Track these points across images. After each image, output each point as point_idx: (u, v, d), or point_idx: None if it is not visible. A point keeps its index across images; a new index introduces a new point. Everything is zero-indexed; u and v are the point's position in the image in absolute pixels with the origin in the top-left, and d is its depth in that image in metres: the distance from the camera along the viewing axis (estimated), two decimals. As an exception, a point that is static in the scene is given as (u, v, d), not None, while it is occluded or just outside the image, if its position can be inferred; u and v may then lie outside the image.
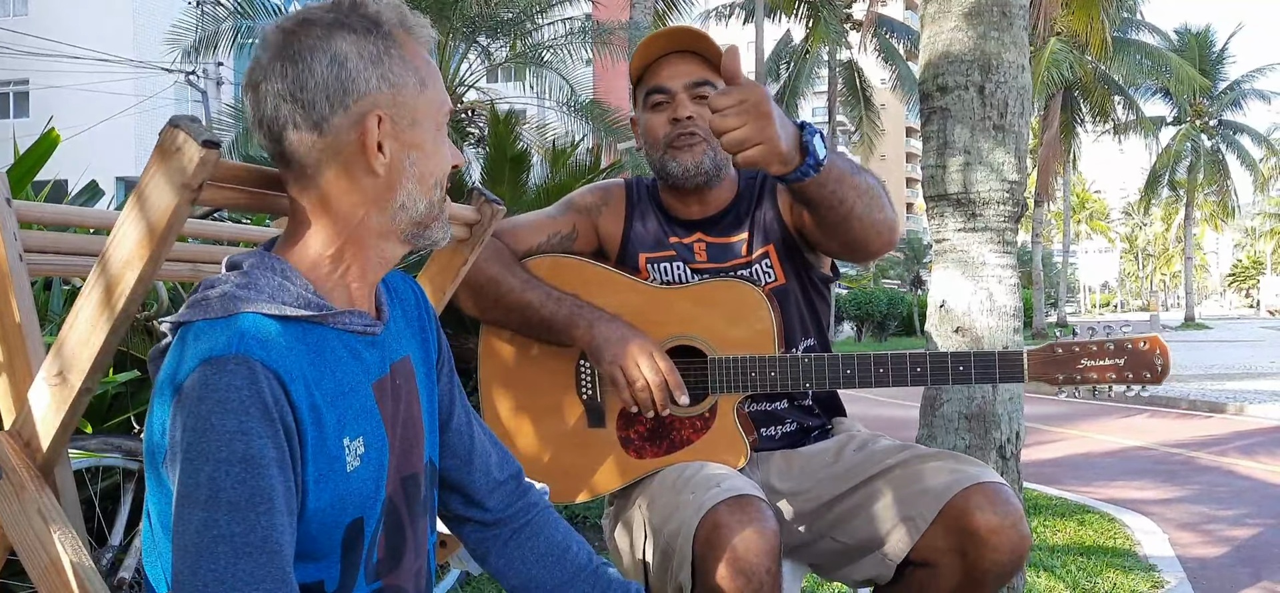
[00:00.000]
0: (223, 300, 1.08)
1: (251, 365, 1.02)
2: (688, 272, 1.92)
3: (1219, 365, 16.44)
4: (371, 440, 1.15)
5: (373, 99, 1.12)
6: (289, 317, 1.09)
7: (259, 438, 1.00)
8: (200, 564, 0.98)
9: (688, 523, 1.56)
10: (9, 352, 1.37)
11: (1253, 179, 40.08)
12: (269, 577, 0.99)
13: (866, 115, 30.33)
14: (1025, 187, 3.00)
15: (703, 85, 1.88)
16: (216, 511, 0.98)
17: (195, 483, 0.99)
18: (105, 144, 21.84)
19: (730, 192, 1.98)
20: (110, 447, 2.44)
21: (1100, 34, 23.52)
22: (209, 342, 1.04)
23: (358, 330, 1.16)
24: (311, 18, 1.13)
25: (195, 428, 0.99)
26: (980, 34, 2.88)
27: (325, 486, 1.09)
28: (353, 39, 1.12)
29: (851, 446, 1.86)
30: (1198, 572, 4.11)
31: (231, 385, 1.00)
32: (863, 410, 9.47)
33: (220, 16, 14.89)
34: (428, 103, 1.16)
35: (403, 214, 1.17)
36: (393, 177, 1.15)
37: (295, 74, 1.10)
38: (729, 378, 1.80)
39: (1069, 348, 1.78)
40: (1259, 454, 7.52)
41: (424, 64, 1.17)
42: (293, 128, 1.12)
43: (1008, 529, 1.58)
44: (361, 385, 1.15)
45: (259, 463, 1.00)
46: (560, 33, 15.06)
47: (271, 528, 1.00)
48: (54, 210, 1.53)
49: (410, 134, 1.15)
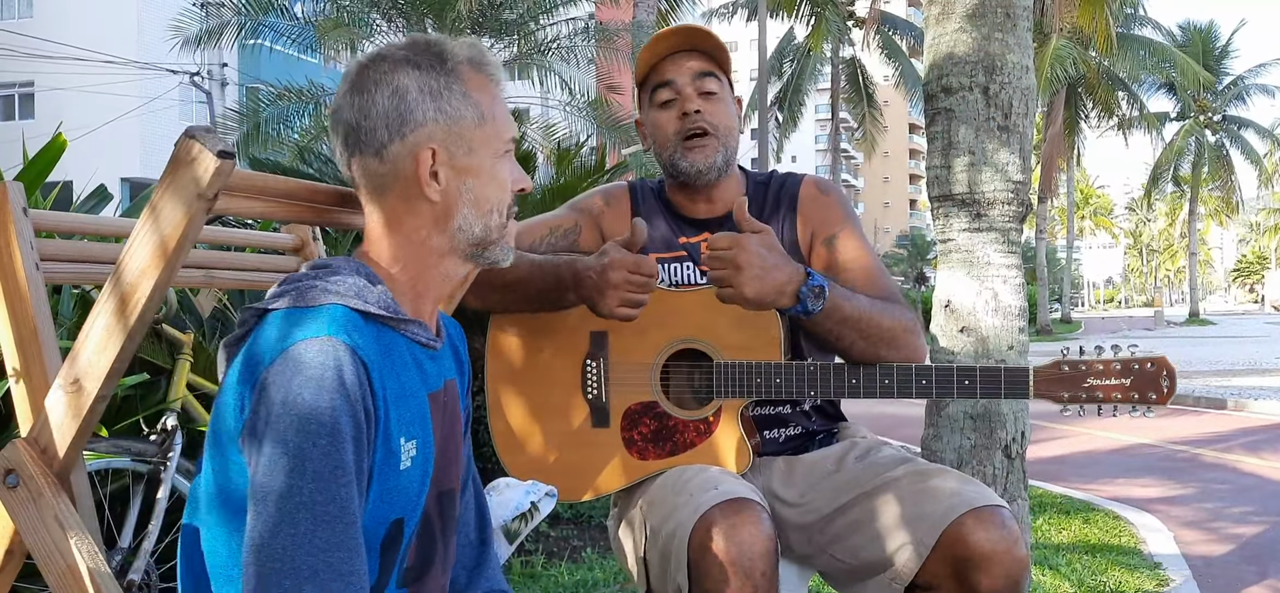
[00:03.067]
0: (313, 292, 1.15)
1: (340, 348, 1.09)
2: (697, 273, 1.93)
3: (1224, 362, 16.41)
4: (422, 446, 1.21)
5: (428, 131, 1.21)
6: (371, 313, 1.17)
7: (344, 415, 1.07)
8: (280, 529, 1.04)
9: (684, 525, 1.57)
10: (26, 360, 1.39)
11: (1257, 174, 40.03)
12: (343, 546, 1.06)
13: (869, 112, 30.32)
14: (1030, 186, 3.01)
15: (707, 78, 1.90)
16: (302, 479, 1.04)
17: (282, 452, 1.05)
18: (110, 146, 21.89)
19: (739, 189, 1.99)
20: (120, 449, 2.46)
21: (1106, 29, 23.46)
22: (301, 326, 1.11)
23: (422, 341, 1.24)
24: (385, 54, 1.24)
25: (285, 402, 1.06)
26: (984, 35, 2.89)
27: (383, 477, 1.15)
28: (416, 74, 1.22)
29: (854, 454, 1.85)
30: (1203, 570, 4.12)
31: (322, 364, 1.07)
32: (867, 409, 9.47)
33: (225, 16, 14.92)
34: (486, 135, 1.24)
35: (461, 235, 1.25)
36: (449, 202, 1.23)
37: (361, 103, 1.21)
38: (734, 383, 1.80)
39: (1075, 365, 1.76)
40: (1264, 451, 7.52)
41: (488, 98, 1.26)
42: (359, 153, 1.22)
43: (1002, 554, 1.57)
44: (419, 393, 1.22)
45: (343, 437, 1.06)
46: (563, 32, 15.06)
47: (349, 499, 1.07)
48: (70, 220, 1.55)
49: (466, 162, 1.23)
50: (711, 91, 1.90)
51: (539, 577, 3.61)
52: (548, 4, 14.67)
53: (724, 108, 1.92)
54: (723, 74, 1.93)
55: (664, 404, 1.84)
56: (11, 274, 1.39)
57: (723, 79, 1.93)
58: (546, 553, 3.95)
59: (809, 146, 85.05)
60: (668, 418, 1.83)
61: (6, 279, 1.39)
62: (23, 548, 1.37)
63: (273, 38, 14.74)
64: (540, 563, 3.78)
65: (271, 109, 14.19)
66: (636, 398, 1.85)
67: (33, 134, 5.22)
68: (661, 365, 1.85)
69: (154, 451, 2.48)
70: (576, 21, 15.25)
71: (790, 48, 29.49)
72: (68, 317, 2.69)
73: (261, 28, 14.53)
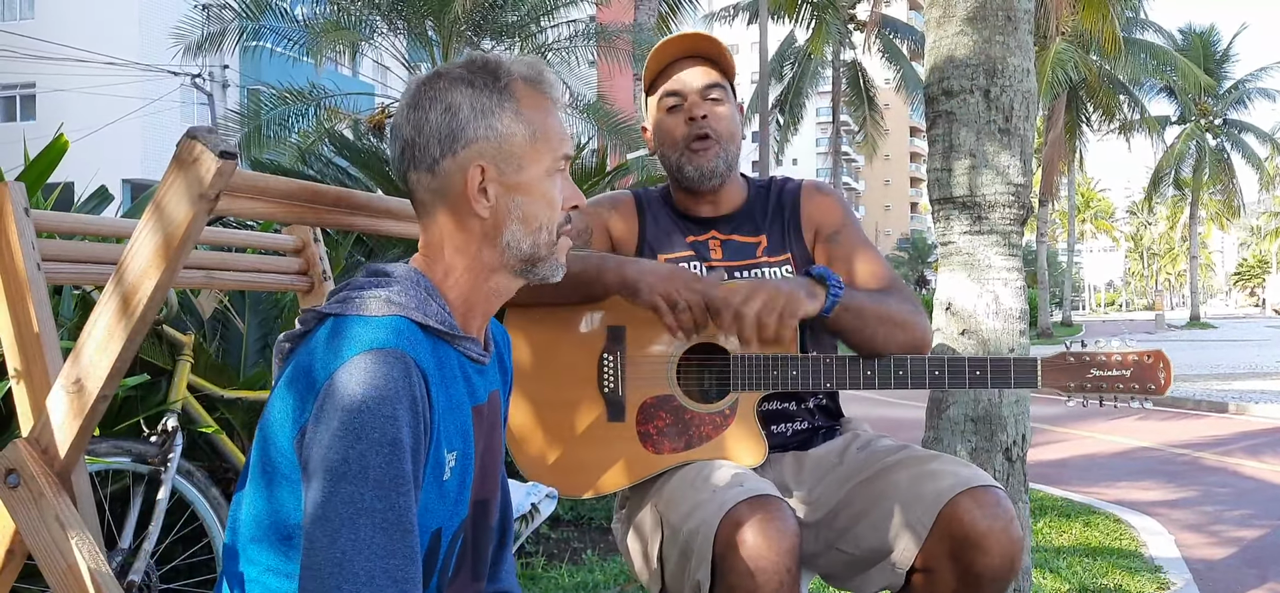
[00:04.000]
0: (379, 303, 1.17)
1: (407, 362, 1.11)
2: (705, 270, 1.95)
3: (1224, 365, 16.39)
4: (462, 458, 1.23)
5: (479, 148, 1.24)
6: (431, 328, 1.19)
7: (406, 426, 1.09)
8: (340, 533, 1.06)
9: (709, 521, 1.58)
10: (27, 360, 1.39)
11: (1258, 178, 40.00)
12: (401, 552, 1.08)
13: (870, 115, 30.33)
14: (1031, 189, 3.01)
15: (715, 89, 1.96)
16: (364, 486, 1.06)
17: (346, 459, 1.07)
18: (111, 147, 21.88)
19: (741, 192, 2.05)
20: (120, 450, 2.46)
21: (1111, 30, 23.41)
22: (370, 336, 1.13)
23: (473, 357, 1.26)
24: (443, 72, 1.27)
25: (352, 410, 1.07)
26: (985, 38, 2.89)
27: (428, 488, 1.17)
28: (469, 92, 1.24)
29: (855, 445, 1.89)
30: (1204, 573, 4.12)
31: (390, 376, 1.09)
32: (866, 411, 9.46)
33: (226, 18, 14.92)
34: (537, 152, 1.27)
35: (510, 251, 1.27)
36: (498, 218, 1.26)
37: (416, 120, 1.25)
38: (750, 376, 1.82)
39: (1079, 357, 1.83)
40: (1265, 455, 7.52)
41: (541, 115, 1.28)
42: (413, 168, 1.26)
43: (999, 533, 1.59)
44: (465, 406, 1.24)
45: (404, 448, 1.09)
46: (564, 35, 15.06)
47: (408, 508, 1.09)
48: (71, 220, 1.55)
49: (515, 179, 1.26)
50: (716, 99, 1.96)
51: (539, 579, 3.61)
52: (549, 6, 14.66)
53: (728, 114, 1.97)
54: (727, 81, 1.99)
55: (680, 398, 1.86)
56: (13, 274, 1.39)
57: (727, 86, 1.99)
58: (547, 555, 3.95)
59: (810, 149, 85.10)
60: (684, 411, 1.85)
61: (8, 279, 1.40)
62: (24, 548, 1.37)
63: (274, 40, 14.72)
64: (541, 565, 3.78)
65: (272, 111, 14.19)
66: (652, 392, 1.87)
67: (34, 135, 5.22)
68: (678, 360, 1.87)
69: (154, 452, 2.48)
70: (577, 23, 15.24)
71: (791, 51, 29.50)
72: (68, 317, 2.69)
73: (262, 30, 14.52)
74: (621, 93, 17.29)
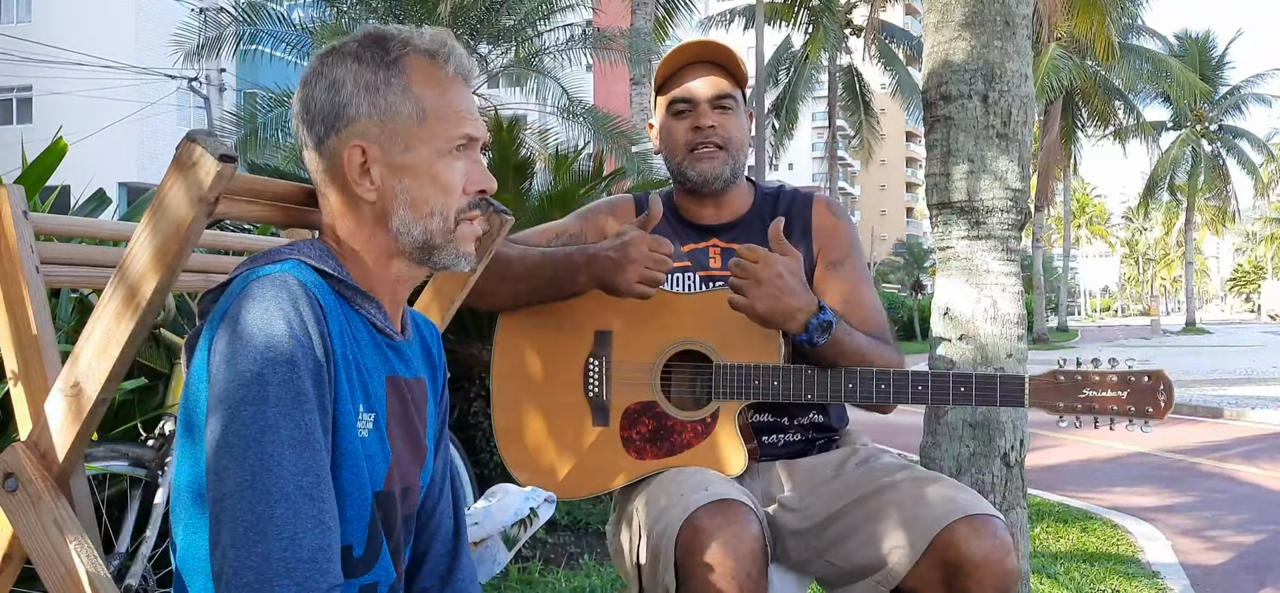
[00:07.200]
0: (269, 252, 1.16)
1: (296, 285, 1.09)
2: (700, 282, 1.96)
3: (1220, 371, 16.42)
4: (380, 423, 1.19)
5: (360, 127, 1.18)
6: (328, 274, 1.16)
7: (301, 345, 1.06)
8: (248, 455, 1.02)
9: (671, 525, 1.59)
10: (25, 363, 1.38)
11: (1253, 184, 40.10)
12: (311, 470, 1.04)
13: (866, 120, 30.40)
14: (1028, 194, 3.01)
15: (725, 98, 1.96)
16: (265, 405, 1.03)
17: (243, 380, 1.04)
18: (108, 150, 21.83)
19: (746, 199, 2.05)
20: (117, 454, 2.46)
21: (1106, 37, 23.47)
22: (257, 271, 1.12)
23: (378, 324, 1.21)
24: (336, 46, 1.21)
25: (245, 332, 1.05)
26: (983, 43, 2.90)
27: (343, 437, 1.13)
28: (355, 67, 1.18)
29: (854, 460, 1.87)
30: (1201, 579, 4.12)
31: (278, 296, 1.07)
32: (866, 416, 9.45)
33: (223, 22, 14.91)
34: (427, 132, 1.19)
35: (403, 237, 1.20)
36: (385, 202, 1.19)
37: (304, 97, 1.20)
38: (732, 385, 1.82)
39: (1072, 376, 1.74)
40: (1261, 460, 7.52)
41: (435, 92, 1.20)
42: (305, 147, 1.21)
43: (994, 563, 1.57)
44: (377, 372, 1.20)
45: (300, 367, 1.06)
46: (561, 39, 15.06)
47: (313, 426, 1.06)
48: (70, 223, 1.55)
49: (402, 160, 1.18)
50: (726, 107, 1.96)
51: (536, 583, 3.60)
52: (545, 10, 14.66)
53: (736, 122, 1.98)
54: (739, 89, 2.00)
55: (663, 404, 1.86)
56: (12, 277, 1.39)
57: (737, 95, 1.99)
58: (544, 559, 3.94)
59: (805, 154, 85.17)
60: (666, 418, 1.85)
61: (7, 282, 1.39)
62: (22, 552, 1.36)
63: (271, 44, 14.70)
64: (537, 570, 3.77)
65: (269, 114, 14.18)
66: (636, 397, 1.87)
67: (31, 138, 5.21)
68: (662, 366, 1.87)
69: (151, 455, 2.47)
70: (574, 28, 15.25)
71: (787, 56, 29.55)
72: (66, 320, 2.68)
73: (259, 34, 14.50)
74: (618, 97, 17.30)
